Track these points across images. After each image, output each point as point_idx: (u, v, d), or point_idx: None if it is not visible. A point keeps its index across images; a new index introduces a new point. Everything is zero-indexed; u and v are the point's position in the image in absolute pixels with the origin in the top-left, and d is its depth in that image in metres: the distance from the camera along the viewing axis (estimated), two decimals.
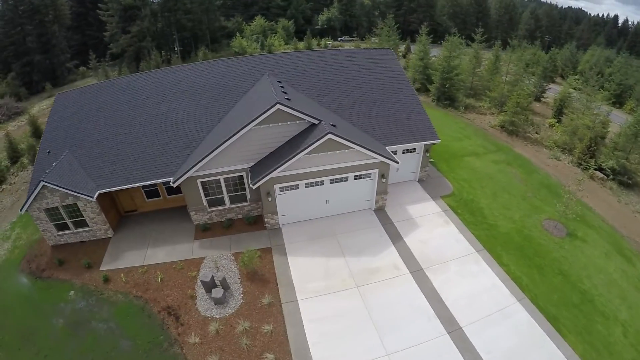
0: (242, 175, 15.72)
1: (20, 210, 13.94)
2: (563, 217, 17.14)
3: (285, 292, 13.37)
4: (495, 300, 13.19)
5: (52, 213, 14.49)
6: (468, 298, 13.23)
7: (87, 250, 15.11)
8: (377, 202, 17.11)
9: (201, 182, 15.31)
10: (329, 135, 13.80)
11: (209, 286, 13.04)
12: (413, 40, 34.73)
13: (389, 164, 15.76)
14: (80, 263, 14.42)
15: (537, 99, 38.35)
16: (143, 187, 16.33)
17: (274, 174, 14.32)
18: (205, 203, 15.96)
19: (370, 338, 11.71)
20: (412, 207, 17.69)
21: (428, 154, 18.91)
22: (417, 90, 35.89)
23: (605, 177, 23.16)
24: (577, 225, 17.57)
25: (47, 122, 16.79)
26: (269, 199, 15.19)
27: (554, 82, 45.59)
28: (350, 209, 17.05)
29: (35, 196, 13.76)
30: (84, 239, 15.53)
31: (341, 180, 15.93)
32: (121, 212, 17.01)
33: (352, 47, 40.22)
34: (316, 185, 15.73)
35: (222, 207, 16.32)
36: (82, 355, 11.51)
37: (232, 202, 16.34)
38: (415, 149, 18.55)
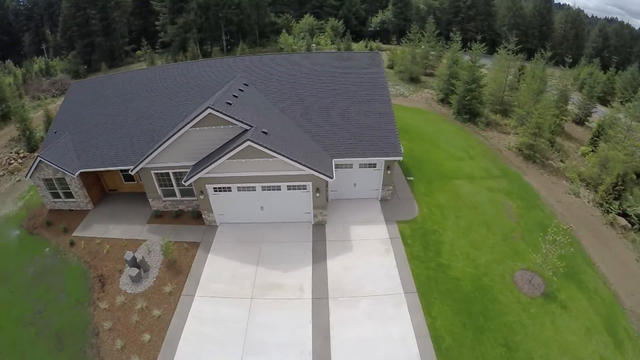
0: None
1: (25, 177, 19.49)
2: (542, 269, 14.78)
3: (189, 285, 15.79)
4: (393, 358, 12.39)
5: (48, 183, 19.76)
6: (361, 345, 12.81)
7: (70, 218, 20.11)
8: (315, 216, 17.95)
9: (154, 173, 18.59)
10: (248, 143, 15.26)
11: (130, 265, 16.36)
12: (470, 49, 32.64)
13: (322, 178, 16.46)
14: (60, 227, 19.41)
15: (580, 122, 34.54)
16: (121, 171, 20.55)
17: (201, 174, 16.60)
18: (159, 192, 19.31)
19: (232, 353, 12.92)
20: (357, 228, 17.91)
21: (389, 171, 18.59)
22: (441, 101, 34.24)
23: (630, 225, 18.82)
24: (563, 283, 15.21)
25: (60, 106, 22.35)
26: (202, 197, 17.65)
27: (608, 105, 40.32)
28: (287, 219, 18.29)
29: (35, 168, 19.03)
30: (72, 208, 20.61)
31: (273, 188, 17.29)
32: (105, 190, 21.75)
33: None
34: (248, 190, 17.45)
35: (174, 198, 19.47)
36: (35, 299, 16.06)
37: (182, 195, 19.33)
38: (375, 164, 18.51)
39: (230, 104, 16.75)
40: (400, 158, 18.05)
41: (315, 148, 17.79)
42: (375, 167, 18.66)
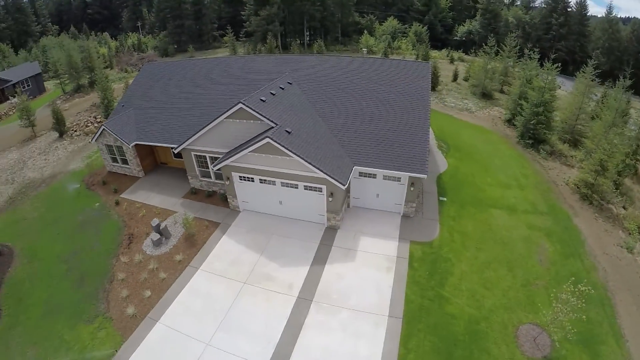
0: None
1: (91, 141, 23.69)
2: (550, 329, 13.25)
3: (197, 259, 17.79)
4: None
5: (109, 148, 23.74)
6: (324, 354, 13.16)
7: (122, 181, 23.85)
8: (328, 219, 18.66)
9: (194, 154, 21.18)
10: (267, 140, 16.72)
11: (155, 230, 18.99)
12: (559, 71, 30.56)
13: (335, 184, 17.13)
14: (112, 187, 23.17)
15: None
16: (171, 147, 23.68)
17: (228, 162, 18.54)
18: (197, 172, 21.85)
19: (207, 326, 14.40)
20: (368, 239, 18.11)
21: (412, 188, 18.42)
22: (507, 121, 32.19)
23: None
24: (574, 351, 13.14)
25: (131, 82, 26.44)
26: (227, 182, 19.63)
27: None
28: (303, 217, 19.28)
29: (100, 134, 23.05)
30: (126, 173, 24.39)
31: (291, 186, 18.45)
32: (157, 162, 25.20)
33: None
34: (269, 184, 18.92)
35: (209, 180, 21.82)
36: (74, 243, 19.67)
37: (215, 178, 21.57)
38: (399, 178, 18.53)
39: (264, 101, 18.40)
40: (425, 176, 17.73)
41: (338, 153, 18.51)
42: (399, 181, 18.61)
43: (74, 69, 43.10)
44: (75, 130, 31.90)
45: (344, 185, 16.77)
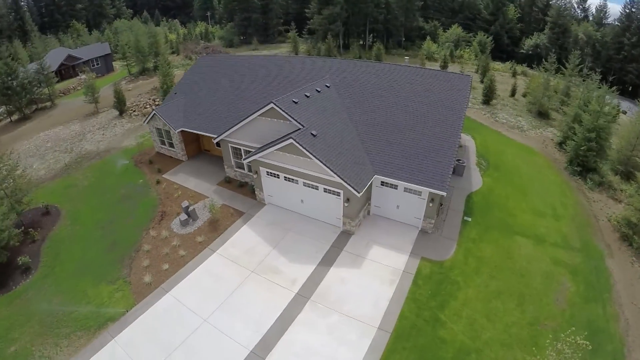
0: None
1: (143, 123, 26.48)
2: None
3: (216, 243, 19.44)
4: None
5: (158, 131, 26.45)
6: (305, 351, 13.91)
7: (166, 162, 26.42)
8: (344, 224, 19.38)
9: (230, 146, 23.00)
10: (291, 140, 17.87)
11: (184, 211, 20.97)
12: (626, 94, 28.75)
13: (351, 190, 17.76)
14: (156, 167, 25.76)
15: None
16: None
17: (256, 157, 20.00)
18: (233, 163, 23.69)
19: (209, 305, 15.90)
20: (379, 249, 18.50)
21: (431, 204, 18.52)
22: (559, 145, 30.64)
23: None
24: None
25: (185, 73, 29.01)
26: (255, 176, 21.12)
27: None
28: (321, 218, 20.19)
29: (151, 117, 25.75)
30: (171, 155, 26.99)
31: (312, 187, 19.44)
32: (201, 148, 27.51)
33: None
34: (292, 182, 20.08)
35: (242, 171, 23.52)
36: (113, 212, 22.28)
37: (248, 170, 23.21)
38: (420, 192, 18.71)
39: (296, 103, 19.62)
40: (444, 194, 17.73)
41: (361, 160, 19.17)
42: (420, 195, 18.75)
43: (140, 53, 47.97)
44: (134, 111, 35.72)
45: (359, 193, 17.38)
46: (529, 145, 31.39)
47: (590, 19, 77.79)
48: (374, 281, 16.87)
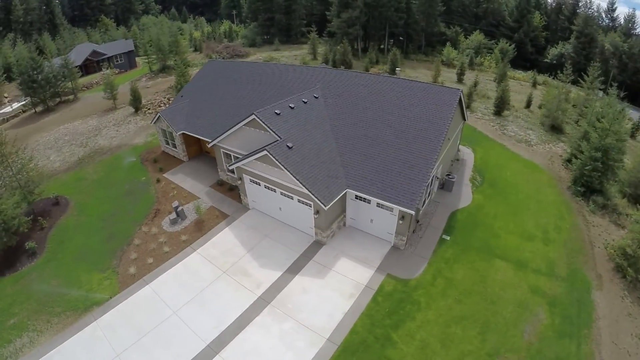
0: None
1: (151, 122, 29.47)
2: None
3: (199, 242, 21.91)
4: None
5: (163, 132, 29.39)
6: (253, 352, 15.74)
7: (169, 162, 29.33)
8: (316, 234, 21.25)
9: (222, 151, 25.42)
10: (265, 152, 19.85)
11: (174, 211, 23.64)
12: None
13: (318, 203, 19.27)
14: (159, 166, 28.74)
15: None
16: None
17: (239, 164, 22.15)
18: (225, 167, 26.13)
19: (181, 299, 18.32)
20: (346, 262, 19.96)
21: (401, 221, 19.63)
22: (567, 161, 30.32)
23: None
24: None
25: (193, 76, 31.71)
26: (239, 182, 23.41)
27: None
28: (297, 226, 22.09)
29: (157, 119, 28.67)
30: (174, 155, 29.88)
31: (288, 196, 21.39)
32: (202, 150, 30.20)
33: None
34: (271, 190, 22.13)
35: (233, 175, 25.81)
36: (116, 206, 25.35)
37: (238, 174, 25.58)
38: (392, 208, 19.88)
39: (278, 114, 21.59)
40: (412, 212, 18.77)
41: (335, 173, 20.78)
42: (392, 211, 19.94)
43: (160, 52, 51.75)
44: (149, 109, 39.21)
45: (325, 206, 18.99)
46: (533, 161, 31.34)
47: (618, 29, 75.72)
48: (333, 293, 18.35)
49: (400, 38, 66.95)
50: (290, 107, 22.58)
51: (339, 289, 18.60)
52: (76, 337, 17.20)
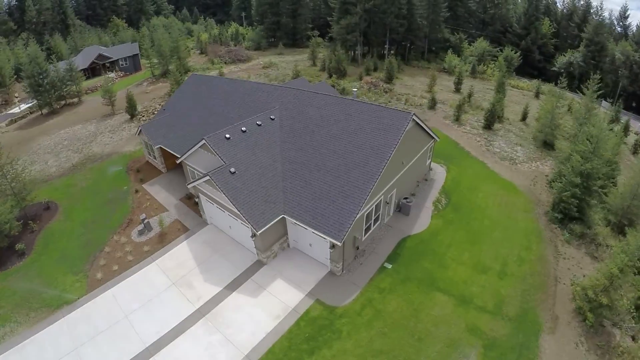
0: None
1: (135, 134, 34.11)
2: None
3: (158, 254, 26.29)
4: None
5: (145, 143, 33.95)
6: (180, 359, 19.46)
7: (150, 173, 33.99)
8: (257, 254, 25.08)
9: (188, 167, 29.62)
10: (208, 177, 23.45)
11: (142, 222, 28.19)
12: None
13: (251, 227, 22.47)
14: (140, 177, 33.42)
15: None
16: None
17: (194, 184, 26.10)
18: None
19: (136, 304, 22.59)
20: (281, 284, 23.07)
21: (331, 250, 22.22)
22: (553, 182, 29.65)
23: None
24: None
25: (176, 90, 35.92)
26: (197, 199, 27.61)
27: None
28: (244, 244, 25.88)
29: (139, 132, 33.24)
30: (156, 166, 34.43)
31: (233, 217, 25.12)
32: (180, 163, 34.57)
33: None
34: (221, 210, 25.98)
35: None
36: (97, 214, 30.24)
37: None
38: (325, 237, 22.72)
39: (228, 138, 25.18)
40: (339, 243, 21.07)
41: (274, 199, 23.98)
42: (325, 239, 22.31)
43: (162, 56, 56.52)
44: (144, 116, 44.05)
45: (257, 231, 22.31)
46: (512, 182, 31.41)
47: (630, 37, 73.95)
48: (262, 313, 21.41)
49: (402, 43, 68.62)
50: (242, 130, 26.11)
51: (268, 309, 21.44)
52: (46, 330, 21.93)
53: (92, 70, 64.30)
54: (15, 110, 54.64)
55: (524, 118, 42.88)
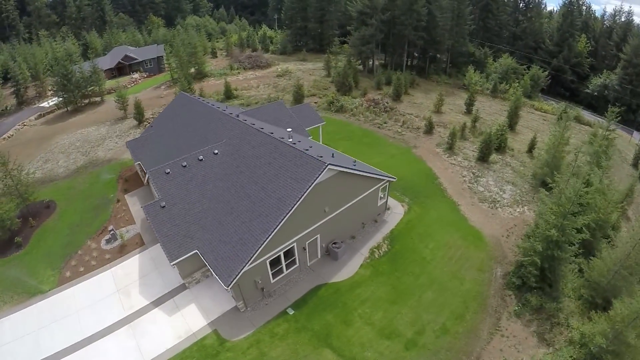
0: None
1: (125, 147, 42.87)
2: None
3: (115, 262, 34.76)
4: None
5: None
6: (95, 358, 28.86)
7: (135, 183, 42.79)
8: (182, 278, 32.56)
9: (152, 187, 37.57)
10: (144, 207, 31.17)
11: (110, 233, 36.94)
12: None
13: (167, 257, 29.75)
14: (125, 187, 42.26)
15: None
16: None
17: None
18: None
19: (81, 303, 30.99)
20: (193, 309, 28.79)
21: (228, 290, 27.69)
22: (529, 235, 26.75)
23: None
24: None
25: (166, 107, 43.59)
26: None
27: None
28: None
29: (128, 146, 41.89)
30: (141, 177, 43.02)
31: None
32: None
33: None
34: None
35: None
36: (83, 217, 39.64)
37: None
38: None
39: (168, 173, 32.22)
40: (227, 288, 25.79)
41: (193, 234, 29.59)
42: None
43: (180, 62, 64.51)
44: (150, 122, 52.54)
45: (170, 262, 28.66)
46: (481, 231, 30.32)
47: None
48: (171, 331, 27.43)
49: (423, 56, 70.02)
50: (182, 165, 32.87)
51: (175, 328, 27.14)
52: (20, 312, 31.23)
53: (119, 70, 74.98)
54: (45, 104, 66.96)
55: (530, 149, 40.83)
